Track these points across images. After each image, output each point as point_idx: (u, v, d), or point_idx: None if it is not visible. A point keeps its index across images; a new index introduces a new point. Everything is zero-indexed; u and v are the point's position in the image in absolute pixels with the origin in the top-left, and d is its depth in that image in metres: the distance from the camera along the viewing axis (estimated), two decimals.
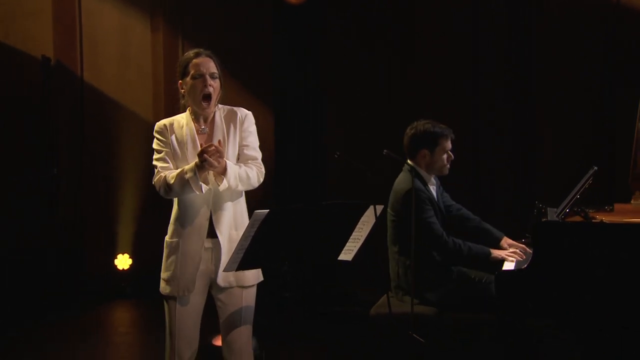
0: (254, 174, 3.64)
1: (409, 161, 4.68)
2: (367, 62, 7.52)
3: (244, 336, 3.68)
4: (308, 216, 3.26)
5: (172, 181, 3.51)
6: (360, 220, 3.46)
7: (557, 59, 6.93)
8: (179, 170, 3.53)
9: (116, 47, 7.73)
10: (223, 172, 3.49)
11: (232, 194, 3.60)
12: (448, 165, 4.72)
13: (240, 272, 3.60)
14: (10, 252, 7.41)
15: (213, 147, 3.42)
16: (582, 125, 6.81)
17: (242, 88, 7.61)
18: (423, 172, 4.68)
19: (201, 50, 3.68)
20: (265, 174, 3.75)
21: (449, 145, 4.69)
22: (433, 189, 4.74)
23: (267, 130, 7.58)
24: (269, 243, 3.19)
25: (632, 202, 4.86)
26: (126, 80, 7.73)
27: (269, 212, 3.07)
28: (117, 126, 7.68)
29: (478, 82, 7.24)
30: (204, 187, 3.48)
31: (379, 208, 3.49)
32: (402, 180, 4.66)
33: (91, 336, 6.23)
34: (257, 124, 7.41)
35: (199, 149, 3.52)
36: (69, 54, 7.66)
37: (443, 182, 4.95)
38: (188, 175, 3.45)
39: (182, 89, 3.68)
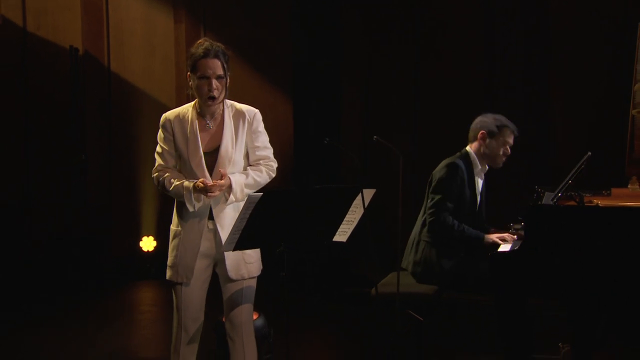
0: (263, 175, 3.78)
1: (468, 146, 4.87)
2: (382, 54, 7.70)
3: (244, 313, 3.85)
4: (301, 199, 3.42)
5: (170, 187, 3.69)
6: (354, 204, 3.64)
7: (571, 52, 7.09)
8: (179, 182, 3.67)
9: (141, 38, 8.00)
10: (229, 188, 3.65)
11: None
12: (504, 159, 4.84)
13: (250, 264, 3.80)
14: (42, 234, 7.78)
15: (214, 186, 3.58)
16: (593, 116, 6.93)
17: (262, 77, 7.86)
18: (475, 159, 4.82)
19: (210, 48, 3.67)
20: (285, 160, 3.83)
21: (510, 140, 4.81)
22: (479, 180, 4.87)
23: (287, 118, 7.82)
24: (264, 225, 3.34)
25: (629, 187, 4.98)
26: (151, 70, 7.98)
27: (262, 195, 3.23)
28: (142, 114, 7.93)
29: (493, 73, 7.40)
30: (197, 204, 3.65)
31: (371, 192, 3.70)
32: (451, 158, 4.83)
33: (116, 314, 6.55)
34: (276, 112, 7.64)
35: (200, 144, 3.68)
36: (97, 44, 7.98)
37: None
38: (184, 192, 3.63)
39: (189, 81, 3.73)
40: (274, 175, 3.85)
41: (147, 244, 7.85)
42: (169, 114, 3.80)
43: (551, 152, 7.15)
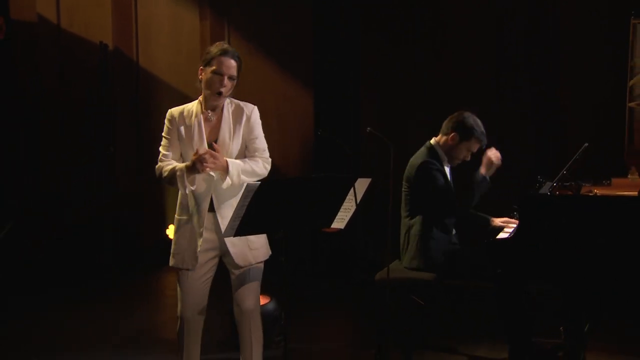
0: (260, 166, 3.94)
1: (433, 139, 5.04)
2: (390, 53, 7.95)
3: (252, 299, 4.01)
4: (298, 188, 3.60)
5: (165, 174, 3.88)
6: (351, 192, 3.79)
7: (572, 52, 7.24)
8: (173, 165, 3.86)
9: (168, 35, 8.28)
10: (225, 170, 3.79)
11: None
12: (460, 162, 5.03)
13: (255, 250, 3.97)
14: (75, 222, 8.13)
15: (206, 153, 3.74)
16: (601, 115, 7.05)
17: (284, 71, 8.09)
18: (441, 152, 4.99)
19: (229, 49, 3.91)
20: (306, 151, 3.97)
21: (475, 147, 4.98)
22: (447, 168, 5.04)
23: (307, 111, 8.06)
24: (263, 212, 3.51)
25: (628, 177, 5.14)
26: (177, 65, 8.25)
27: (260, 184, 3.41)
28: (169, 107, 8.16)
29: (501, 71, 7.58)
30: (188, 187, 3.81)
31: (366, 181, 3.84)
32: (418, 155, 4.99)
33: (143, 297, 6.90)
34: (297, 105, 7.85)
35: (204, 138, 3.90)
36: (126, 40, 8.29)
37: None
38: (178, 173, 3.80)
39: (200, 75, 3.97)
40: (269, 168, 4.01)
41: (173, 231, 8.14)
42: (174, 110, 4.05)
43: (559, 151, 7.28)
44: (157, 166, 3.99)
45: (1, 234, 7.51)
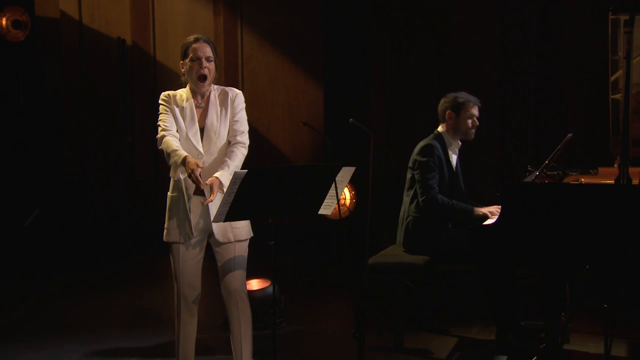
0: (239, 157, 4.09)
1: (440, 127, 5.27)
2: (405, 45, 8.11)
3: (237, 279, 4.16)
4: (284, 176, 3.80)
5: (168, 149, 3.99)
6: (336, 180, 3.95)
7: (582, 44, 7.37)
8: (176, 148, 3.97)
9: (183, 30, 8.52)
10: (221, 185, 3.92)
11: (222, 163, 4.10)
12: (473, 130, 5.25)
13: (237, 229, 4.15)
14: (93, 208, 8.50)
15: (212, 190, 3.89)
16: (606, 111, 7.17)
17: (295, 64, 8.31)
18: (448, 137, 5.22)
19: (200, 36, 4.16)
20: (316, 142, 4.00)
21: (475, 111, 5.22)
22: (453, 156, 5.26)
23: (317, 105, 8.28)
24: (251, 199, 3.71)
25: (615, 166, 5.27)
26: None
27: (247, 172, 3.61)
28: None
29: (505, 67, 7.74)
30: (180, 175, 4.03)
31: (350, 170, 4.00)
32: (424, 140, 5.23)
33: (157, 280, 7.17)
34: (308, 98, 8.05)
35: (196, 119, 4.10)
36: (144, 36, 8.60)
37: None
38: (176, 158, 3.94)
39: (182, 68, 4.15)
40: (246, 152, 4.18)
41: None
42: (168, 92, 4.19)
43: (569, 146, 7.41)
44: (160, 134, 4.10)
45: (28, 220, 7.86)
